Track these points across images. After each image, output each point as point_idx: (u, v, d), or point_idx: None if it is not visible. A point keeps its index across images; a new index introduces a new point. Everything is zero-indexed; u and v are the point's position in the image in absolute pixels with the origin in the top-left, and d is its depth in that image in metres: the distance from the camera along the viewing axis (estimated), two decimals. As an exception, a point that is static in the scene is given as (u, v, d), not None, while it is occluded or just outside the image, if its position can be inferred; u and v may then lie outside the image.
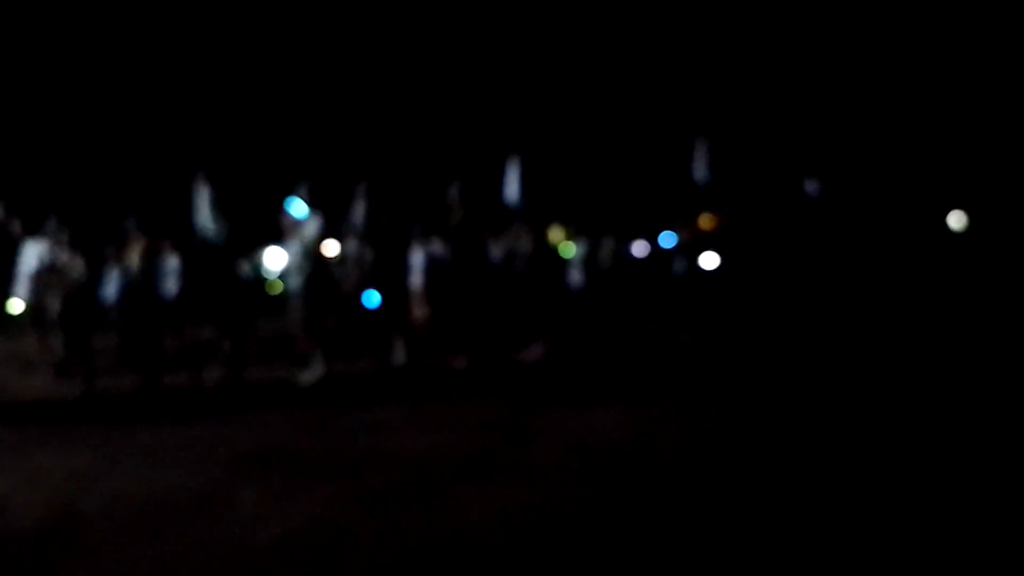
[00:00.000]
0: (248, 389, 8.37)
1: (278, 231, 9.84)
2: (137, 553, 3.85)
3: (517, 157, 10.00)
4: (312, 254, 8.46)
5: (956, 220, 13.48)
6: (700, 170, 10.77)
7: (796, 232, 11.95)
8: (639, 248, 10.96)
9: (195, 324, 9.70)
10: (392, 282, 9.17)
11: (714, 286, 10.72)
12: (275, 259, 10.26)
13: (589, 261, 10.69)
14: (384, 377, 8.70)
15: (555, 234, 10.58)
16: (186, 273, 9.63)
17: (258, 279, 11.12)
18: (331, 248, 9.53)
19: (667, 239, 11.07)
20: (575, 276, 10.37)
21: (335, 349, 8.85)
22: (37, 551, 3.91)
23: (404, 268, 9.92)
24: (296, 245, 8.58)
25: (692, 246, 10.84)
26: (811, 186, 11.45)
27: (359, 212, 9.02)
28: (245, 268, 10.64)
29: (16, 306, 9.65)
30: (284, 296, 10.44)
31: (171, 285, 9.97)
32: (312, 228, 8.45)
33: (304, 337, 9.48)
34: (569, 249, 10.47)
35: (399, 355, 8.92)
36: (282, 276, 10.51)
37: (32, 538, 4.08)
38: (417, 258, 10.80)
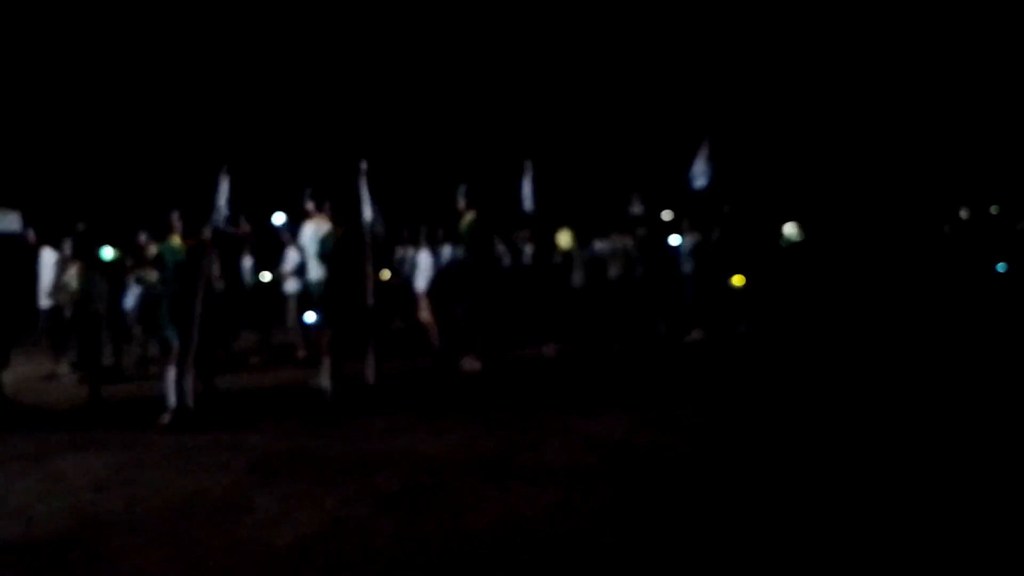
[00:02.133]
0: (265, 394, 8.30)
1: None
2: (158, 558, 3.79)
3: (530, 162, 9.85)
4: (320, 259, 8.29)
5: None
6: (700, 175, 10.58)
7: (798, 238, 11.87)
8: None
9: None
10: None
11: (722, 288, 10.60)
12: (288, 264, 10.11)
13: (598, 262, 10.61)
14: (398, 381, 8.62)
15: (564, 237, 10.50)
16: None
17: (271, 283, 11.02)
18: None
19: (675, 241, 10.97)
20: (582, 277, 10.27)
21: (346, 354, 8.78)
22: (59, 559, 3.85)
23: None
24: (299, 250, 8.44)
25: (701, 249, 10.70)
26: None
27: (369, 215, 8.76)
28: (257, 273, 10.59)
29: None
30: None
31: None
32: (319, 232, 8.27)
33: (304, 343, 9.39)
34: (575, 250, 10.39)
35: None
36: (282, 280, 10.38)
37: (54, 546, 4.01)
38: (424, 261, 10.73)
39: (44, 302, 9.63)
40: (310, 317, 8.73)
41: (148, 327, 9.00)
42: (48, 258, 9.59)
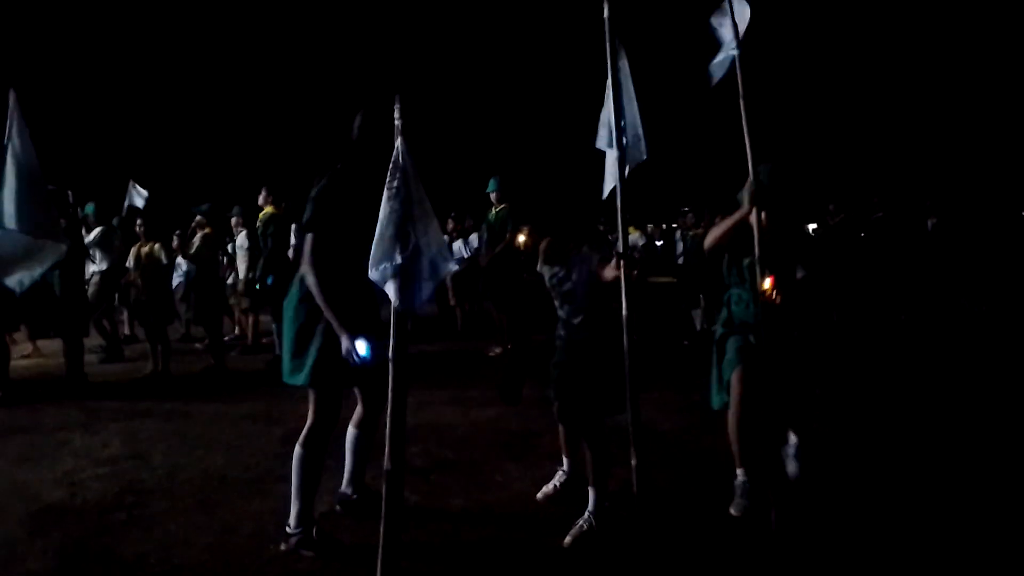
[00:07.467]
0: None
1: None
2: (193, 523, 3.73)
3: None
4: None
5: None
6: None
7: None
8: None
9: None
10: None
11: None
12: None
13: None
14: (429, 361, 8.53)
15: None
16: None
17: None
18: None
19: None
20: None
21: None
22: (101, 522, 3.80)
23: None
24: None
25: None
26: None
27: None
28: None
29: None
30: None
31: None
32: None
33: None
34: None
35: None
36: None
37: (96, 510, 3.97)
38: (456, 249, 10.60)
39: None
40: None
41: (190, 306, 8.97)
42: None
